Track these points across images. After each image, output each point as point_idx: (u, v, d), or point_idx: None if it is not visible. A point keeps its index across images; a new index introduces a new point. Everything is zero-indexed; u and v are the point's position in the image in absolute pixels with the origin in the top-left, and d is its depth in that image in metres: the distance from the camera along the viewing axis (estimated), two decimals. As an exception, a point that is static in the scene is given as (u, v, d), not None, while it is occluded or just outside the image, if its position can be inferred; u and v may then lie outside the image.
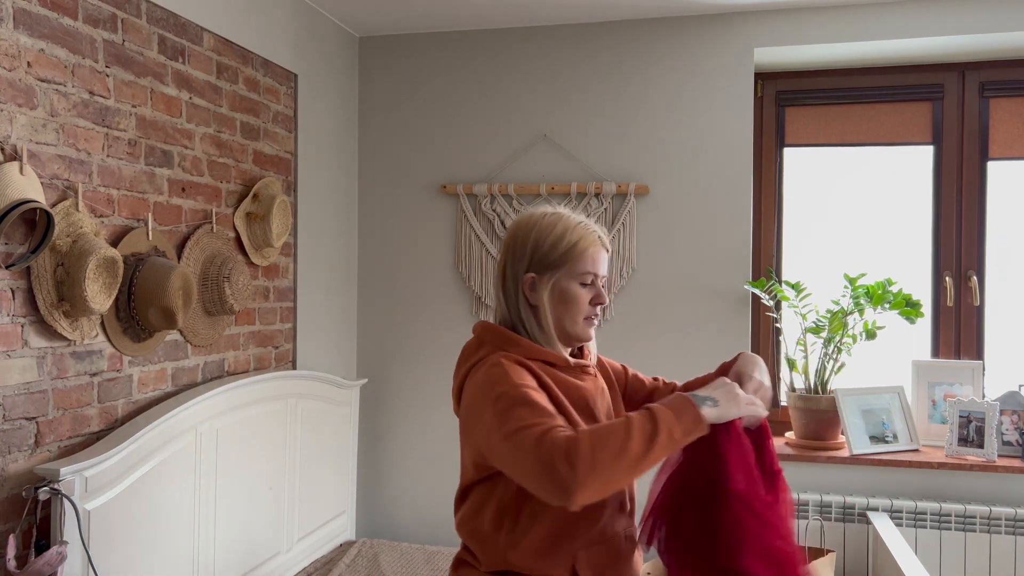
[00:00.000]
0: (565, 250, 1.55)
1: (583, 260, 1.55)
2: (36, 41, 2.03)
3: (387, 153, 3.64)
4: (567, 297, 1.55)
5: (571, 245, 1.56)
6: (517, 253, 1.58)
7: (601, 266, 1.59)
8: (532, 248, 1.56)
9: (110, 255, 2.06)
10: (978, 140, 3.32)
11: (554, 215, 1.60)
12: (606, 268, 1.62)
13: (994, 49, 3.22)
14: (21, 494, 1.98)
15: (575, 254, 1.55)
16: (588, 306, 1.57)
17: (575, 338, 1.58)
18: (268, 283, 3.05)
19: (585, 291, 1.57)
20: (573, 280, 1.56)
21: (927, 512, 2.97)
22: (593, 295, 1.58)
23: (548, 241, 1.56)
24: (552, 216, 1.60)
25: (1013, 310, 3.33)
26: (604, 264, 1.61)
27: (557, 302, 1.55)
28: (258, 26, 2.93)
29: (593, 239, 1.58)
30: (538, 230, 1.57)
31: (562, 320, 1.56)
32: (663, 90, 3.37)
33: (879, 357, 3.28)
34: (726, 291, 3.29)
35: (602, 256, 1.60)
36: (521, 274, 1.57)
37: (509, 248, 1.60)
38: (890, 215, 3.44)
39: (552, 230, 1.57)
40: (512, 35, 3.50)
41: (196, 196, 2.63)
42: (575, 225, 1.58)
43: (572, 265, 1.55)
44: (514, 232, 1.61)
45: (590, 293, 1.57)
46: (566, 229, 1.57)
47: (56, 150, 2.09)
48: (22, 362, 2.01)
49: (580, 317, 1.57)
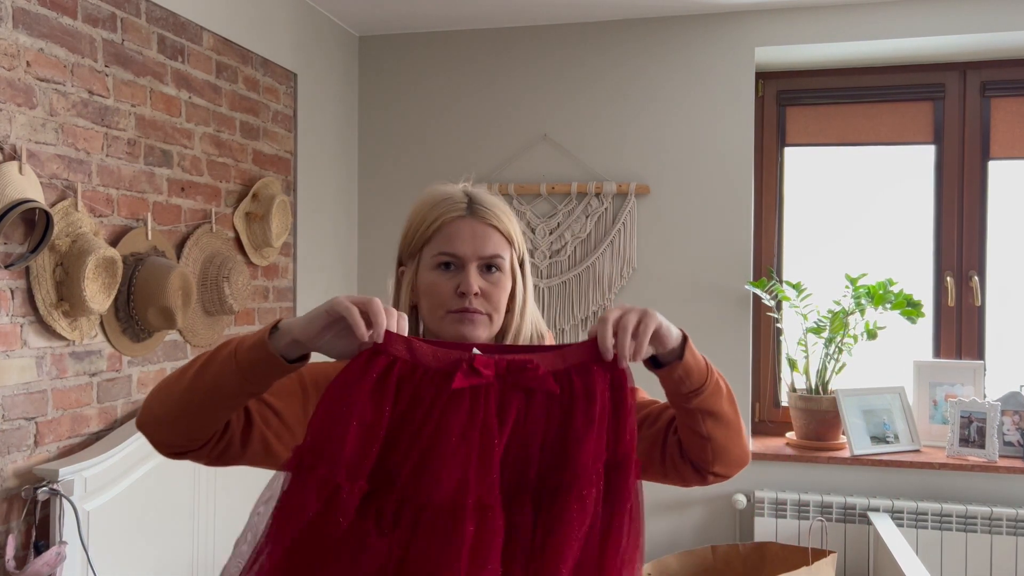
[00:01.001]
0: (419, 229, 1.25)
1: (437, 238, 1.22)
2: (35, 40, 2.03)
3: (387, 152, 3.64)
4: (424, 289, 1.23)
5: (423, 222, 1.24)
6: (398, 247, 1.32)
7: (466, 243, 1.21)
8: (402, 234, 1.29)
9: (109, 255, 2.06)
10: (979, 140, 3.31)
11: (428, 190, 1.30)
12: (491, 246, 1.23)
13: (995, 48, 3.22)
14: (20, 494, 1.98)
15: (429, 233, 1.23)
16: (451, 297, 1.20)
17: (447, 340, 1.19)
18: (267, 283, 3.05)
19: (443, 278, 1.21)
20: (427, 267, 1.23)
21: (928, 513, 2.97)
22: (457, 282, 1.21)
23: (410, 222, 1.28)
24: (425, 192, 1.30)
25: (1014, 310, 3.33)
26: (476, 241, 1.22)
27: (421, 298, 1.25)
28: (258, 25, 2.92)
29: (452, 209, 1.23)
30: (410, 212, 1.29)
31: (425, 316, 1.25)
32: (664, 89, 3.36)
33: (880, 357, 3.27)
34: (727, 291, 3.29)
35: (470, 230, 1.22)
36: (396, 267, 1.31)
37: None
38: (891, 215, 3.43)
39: (415, 208, 1.27)
40: (512, 34, 3.50)
41: (195, 196, 2.63)
42: (438, 199, 1.25)
43: (428, 247, 1.24)
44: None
45: (453, 279, 1.21)
46: (423, 205, 1.26)
47: (55, 150, 2.09)
48: (21, 362, 2.00)
49: (441, 310, 1.21)
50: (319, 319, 1.02)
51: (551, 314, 3.42)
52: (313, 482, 0.98)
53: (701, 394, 1.11)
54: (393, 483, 1.00)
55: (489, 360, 1.03)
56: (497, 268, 1.23)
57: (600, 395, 1.03)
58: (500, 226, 1.25)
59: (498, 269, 1.23)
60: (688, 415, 1.13)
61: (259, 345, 1.03)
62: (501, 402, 1.03)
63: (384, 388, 1.01)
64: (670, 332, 1.08)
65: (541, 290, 3.43)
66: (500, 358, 1.04)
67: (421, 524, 0.99)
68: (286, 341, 1.03)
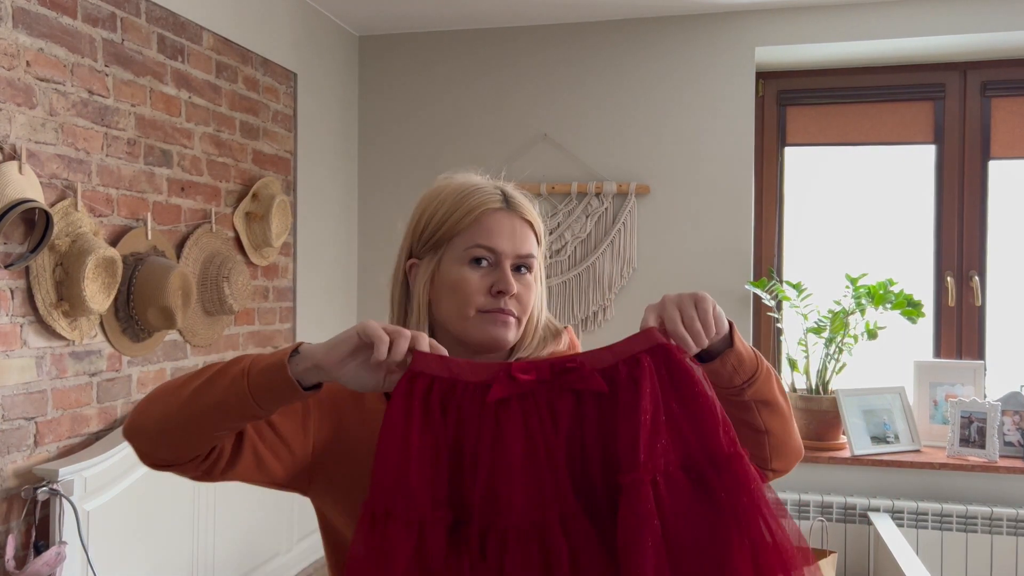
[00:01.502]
0: (448, 220, 1.12)
1: (472, 230, 1.11)
2: (35, 40, 2.02)
3: (386, 152, 3.64)
4: (451, 285, 1.10)
5: (453, 212, 1.12)
6: (404, 238, 1.19)
7: (505, 239, 1.11)
8: (414, 225, 1.16)
9: (109, 255, 2.06)
10: (979, 140, 3.31)
11: (445, 179, 1.19)
12: (528, 245, 1.13)
13: (995, 48, 3.22)
14: (20, 494, 1.97)
15: (463, 224, 1.11)
16: (484, 295, 1.09)
17: (474, 345, 1.10)
18: (267, 283, 3.05)
19: (477, 274, 1.10)
20: (456, 260, 1.11)
21: (928, 513, 2.97)
22: (493, 279, 1.10)
23: (429, 212, 1.14)
24: (442, 181, 1.19)
25: (1015, 310, 3.32)
26: (515, 237, 1.12)
27: (443, 293, 1.11)
28: (257, 25, 2.92)
29: (489, 200, 1.12)
30: (424, 202, 1.17)
31: (448, 316, 1.11)
32: (664, 89, 3.36)
33: (880, 357, 3.27)
34: (727, 291, 3.29)
35: (509, 225, 1.12)
36: (402, 258, 1.17)
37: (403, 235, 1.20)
38: (891, 215, 3.43)
39: (436, 197, 1.15)
40: (512, 34, 3.50)
41: (195, 196, 2.63)
42: (469, 188, 1.14)
43: (460, 238, 1.11)
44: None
45: (488, 277, 1.10)
46: (451, 193, 1.14)
47: (55, 149, 2.09)
48: (21, 362, 2.00)
49: (470, 309, 1.09)
50: (347, 343, 0.94)
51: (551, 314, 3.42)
52: (396, 528, 0.91)
53: (755, 383, 1.03)
54: (470, 510, 0.93)
55: (529, 365, 0.96)
56: (528, 269, 1.13)
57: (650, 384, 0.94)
58: (535, 223, 1.16)
59: (529, 270, 1.13)
60: (743, 408, 1.04)
61: (276, 367, 0.94)
62: (552, 407, 0.96)
63: (430, 410, 0.95)
64: (722, 316, 0.99)
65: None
66: (542, 361, 0.97)
67: (509, 550, 0.91)
68: (306, 366, 0.94)
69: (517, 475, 0.93)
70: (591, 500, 0.95)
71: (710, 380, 1.00)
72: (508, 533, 0.92)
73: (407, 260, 1.16)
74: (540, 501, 0.92)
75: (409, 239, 1.17)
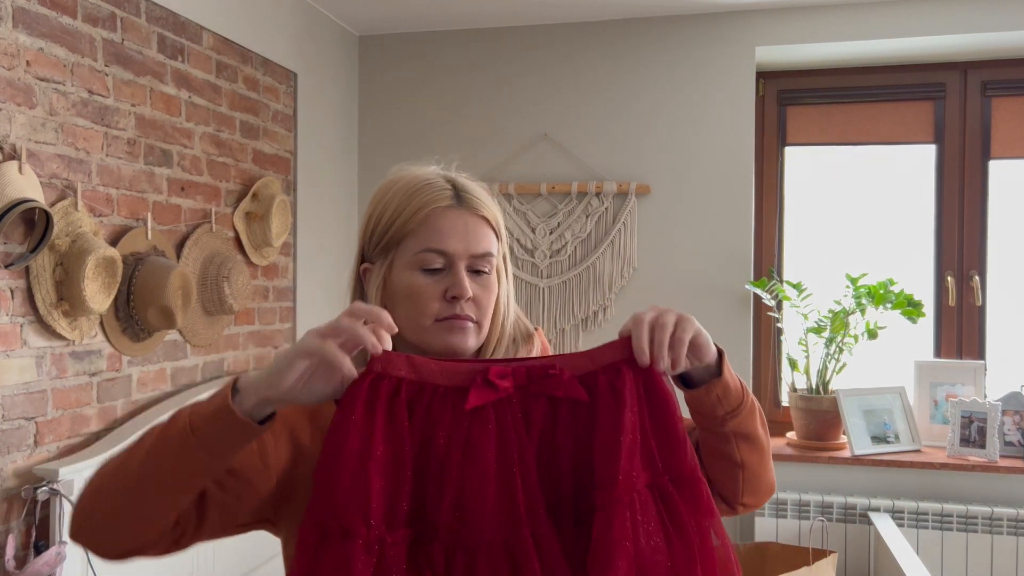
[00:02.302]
0: (395, 221, 1.04)
1: (420, 232, 1.03)
2: (35, 40, 2.02)
3: (387, 152, 3.64)
4: (402, 293, 1.04)
5: (400, 212, 1.04)
6: (358, 239, 1.12)
7: (456, 239, 1.03)
8: (364, 225, 1.09)
9: (109, 255, 2.06)
10: (980, 139, 3.31)
11: (396, 172, 1.10)
12: (483, 243, 1.05)
13: (996, 48, 3.22)
14: (20, 494, 1.97)
15: (410, 225, 1.03)
16: (439, 302, 1.03)
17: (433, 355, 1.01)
18: (267, 283, 3.05)
19: (428, 280, 1.03)
20: (407, 265, 1.04)
21: (929, 513, 2.97)
22: (447, 284, 1.03)
23: (378, 213, 1.07)
24: (394, 174, 1.10)
25: (1015, 310, 3.32)
26: (468, 237, 1.04)
27: (396, 302, 1.05)
28: (258, 25, 2.92)
29: (438, 198, 1.04)
30: (374, 200, 1.09)
31: (401, 327, 1.01)
32: (664, 89, 3.36)
33: (881, 357, 3.27)
34: (727, 291, 3.29)
35: (461, 224, 1.04)
36: (357, 265, 1.11)
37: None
38: (892, 214, 3.43)
39: (384, 196, 1.07)
40: (513, 34, 3.50)
41: (195, 195, 2.63)
42: (416, 184, 1.06)
43: (408, 242, 1.04)
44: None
45: (441, 282, 1.03)
46: (398, 190, 1.06)
47: (55, 149, 2.09)
48: (21, 362, 2.00)
49: (426, 318, 1.03)
50: (294, 368, 0.85)
51: (551, 314, 3.42)
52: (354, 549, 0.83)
53: (738, 415, 0.98)
54: (434, 526, 0.87)
55: (505, 370, 0.90)
56: (487, 268, 1.06)
57: (631, 399, 0.90)
58: (490, 217, 1.08)
59: (488, 269, 1.06)
60: (721, 439, 1.00)
61: (222, 414, 0.85)
62: (526, 414, 0.90)
63: (396, 415, 0.87)
64: (708, 344, 0.94)
65: (541, 290, 3.43)
66: (518, 366, 0.92)
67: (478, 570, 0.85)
68: (252, 402, 0.86)
69: (490, 487, 0.87)
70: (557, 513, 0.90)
71: (692, 407, 0.99)
72: (478, 551, 0.86)
73: (360, 264, 1.10)
74: (513, 516, 0.87)
75: (360, 241, 1.10)
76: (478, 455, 0.87)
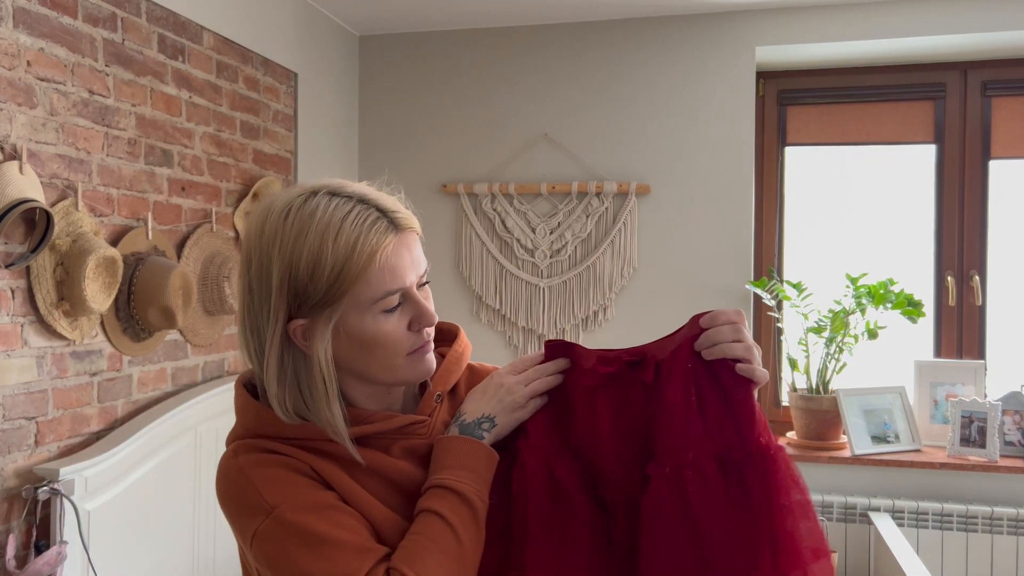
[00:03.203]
0: (340, 275, 0.95)
1: (373, 278, 0.96)
2: (36, 40, 2.03)
3: (387, 152, 3.64)
4: (366, 342, 0.98)
5: (344, 265, 0.95)
6: (260, 288, 0.98)
7: (408, 270, 0.99)
8: (281, 282, 0.96)
9: (110, 254, 2.06)
10: (980, 139, 3.31)
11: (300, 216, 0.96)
12: (422, 257, 1.02)
13: (996, 48, 3.22)
14: (21, 494, 1.97)
15: (356, 274, 0.95)
16: (408, 336, 1.00)
17: (407, 384, 1.06)
18: (268, 283, 3.04)
19: (392, 320, 0.99)
20: (366, 314, 0.97)
21: (929, 512, 2.97)
22: (411, 317, 1.00)
23: (302, 268, 0.95)
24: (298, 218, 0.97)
25: (1015, 310, 3.32)
26: (415, 260, 1.00)
27: (355, 351, 0.99)
28: (258, 25, 2.92)
29: (381, 239, 0.96)
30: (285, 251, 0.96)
31: (370, 371, 1.01)
32: (665, 89, 3.36)
33: (881, 357, 3.27)
34: (727, 291, 3.29)
35: (406, 251, 0.99)
36: (279, 321, 0.97)
37: (244, 277, 1.01)
38: (892, 214, 3.43)
39: (304, 247, 0.95)
40: (513, 34, 3.50)
41: (196, 195, 2.63)
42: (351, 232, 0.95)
43: (358, 290, 0.96)
44: (248, 250, 1.00)
45: (403, 317, 1.00)
46: (331, 242, 0.95)
47: (56, 149, 2.09)
48: (21, 362, 2.00)
49: (398, 358, 1.00)
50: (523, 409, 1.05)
51: (551, 314, 3.42)
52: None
53: None
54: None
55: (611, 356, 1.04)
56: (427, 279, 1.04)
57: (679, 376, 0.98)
58: (417, 228, 1.03)
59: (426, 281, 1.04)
60: None
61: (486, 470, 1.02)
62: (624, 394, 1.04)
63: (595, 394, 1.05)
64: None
65: (541, 290, 3.43)
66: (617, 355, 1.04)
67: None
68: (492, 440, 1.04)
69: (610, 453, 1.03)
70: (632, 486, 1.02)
71: None
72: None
73: (286, 323, 0.97)
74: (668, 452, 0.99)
75: (279, 299, 0.96)
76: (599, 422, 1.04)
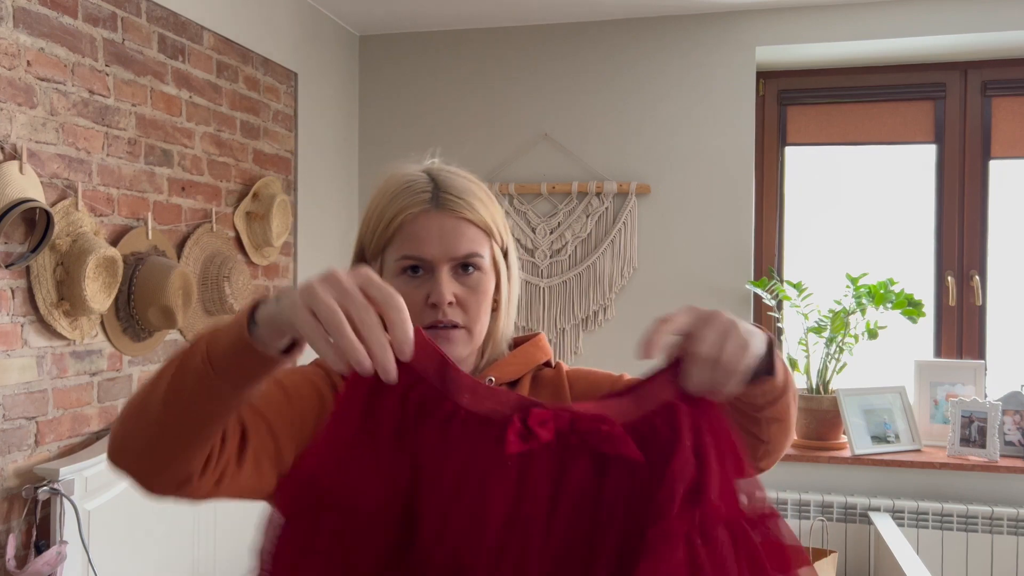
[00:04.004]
0: (379, 230, 1.02)
1: (399, 239, 1.01)
2: (36, 40, 2.03)
3: (387, 152, 3.64)
4: None
5: (381, 219, 1.02)
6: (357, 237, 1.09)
7: (432, 244, 0.99)
8: (361, 226, 1.08)
9: (110, 254, 2.06)
10: (980, 139, 3.31)
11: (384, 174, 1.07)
12: (465, 244, 1.00)
13: (996, 48, 3.22)
14: (21, 494, 1.97)
15: (389, 232, 1.01)
16: (423, 309, 0.99)
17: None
18: (268, 283, 3.05)
19: (412, 286, 1.00)
20: (391, 272, 1.01)
21: (929, 512, 2.97)
22: (427, 291, 1.00)
23: (367, 216, 1.06)
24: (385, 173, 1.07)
25: (1015, 310, 3.32)
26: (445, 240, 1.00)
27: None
28: (258, 25, 2.92)
29: (413, 203, 1.00)
30: (369, 202, 1.07)
31: None
32: (665, 89, 3.36)
33: (881, 357, 3.27)
34: (727, 290, 3.29)
35: (437, 227, 1.00)
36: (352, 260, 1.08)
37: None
38: (892, 214, 3.43)
39: (374, 199, 1.06)
40: (513, 34, 3.50)
41: (196, 195, 2.63)
42: (397, 188, 1.02)
43: (391, 249, 1.02)
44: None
45: (421, 287, 1.00)
46: (382, 195, 1.04)
47: (56, 149, 2.09)
48: (21, 361, 2.00)
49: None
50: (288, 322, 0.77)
51: (551, 314, 3.42)
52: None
53: (776, 403, 0.91)
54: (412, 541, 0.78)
55: (547, 414, 0.78)
56: (475, 267, 1.01)
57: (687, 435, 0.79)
58: (474, 217, 1.02)
59: (476, 268, 1.01)
60: (752, 422, 0.93)
61: (239, 346, 0.79)
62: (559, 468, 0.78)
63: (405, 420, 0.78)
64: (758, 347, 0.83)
65: (541, 290, 3.43)
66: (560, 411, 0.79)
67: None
68: (269, 332, 0.78)
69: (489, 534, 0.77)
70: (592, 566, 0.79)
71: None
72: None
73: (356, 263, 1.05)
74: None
75: (359, 240, 1.07)
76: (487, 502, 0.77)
